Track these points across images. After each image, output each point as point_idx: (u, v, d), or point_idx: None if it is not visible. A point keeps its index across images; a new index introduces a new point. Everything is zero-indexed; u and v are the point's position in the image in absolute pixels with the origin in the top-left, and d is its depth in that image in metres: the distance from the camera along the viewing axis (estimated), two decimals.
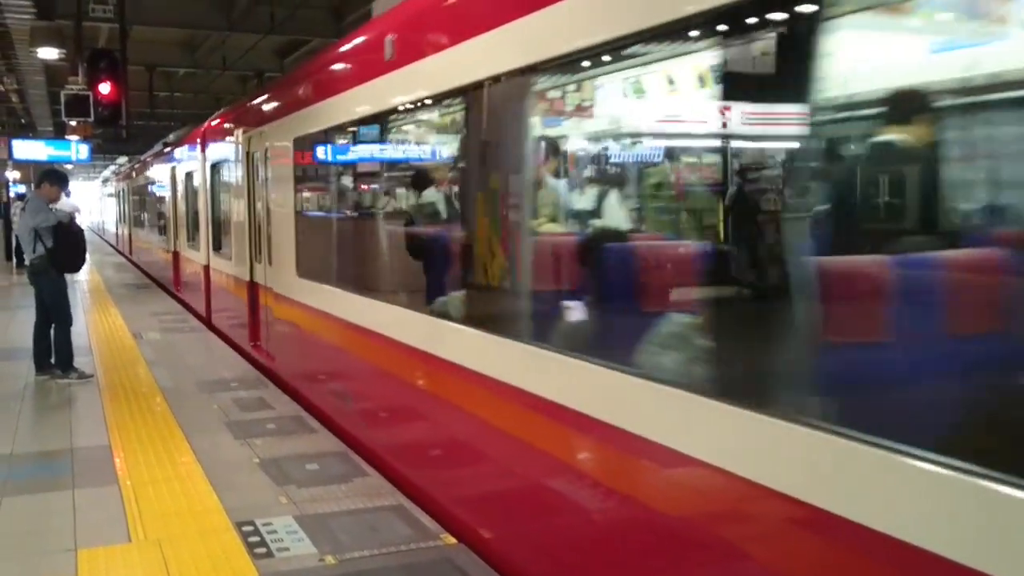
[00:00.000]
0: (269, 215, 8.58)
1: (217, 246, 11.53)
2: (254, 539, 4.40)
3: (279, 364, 8.54)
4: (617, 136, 4.34)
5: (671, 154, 4.04)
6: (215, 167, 11.62)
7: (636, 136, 4.26)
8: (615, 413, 3.32)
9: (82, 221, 10.74)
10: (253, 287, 9.30)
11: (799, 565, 2.62)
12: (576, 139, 4.59)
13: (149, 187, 20.20)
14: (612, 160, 4.50)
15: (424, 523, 4.62)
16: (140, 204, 23.15)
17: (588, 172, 4.55)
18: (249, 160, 9.33)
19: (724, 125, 3.05)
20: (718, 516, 3.00)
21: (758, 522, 2.81)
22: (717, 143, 3.34)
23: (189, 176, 13.72)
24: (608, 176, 4.39)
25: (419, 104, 5.24)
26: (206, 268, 12.37)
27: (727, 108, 3.00)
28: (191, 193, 13.67)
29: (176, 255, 15.47)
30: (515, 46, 3.92)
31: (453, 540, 4.39)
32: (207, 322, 12.22)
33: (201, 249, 12.60)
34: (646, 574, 3.28)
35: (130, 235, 25.93)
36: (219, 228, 11.45)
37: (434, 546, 4.33)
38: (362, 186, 6.94)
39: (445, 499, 4.84)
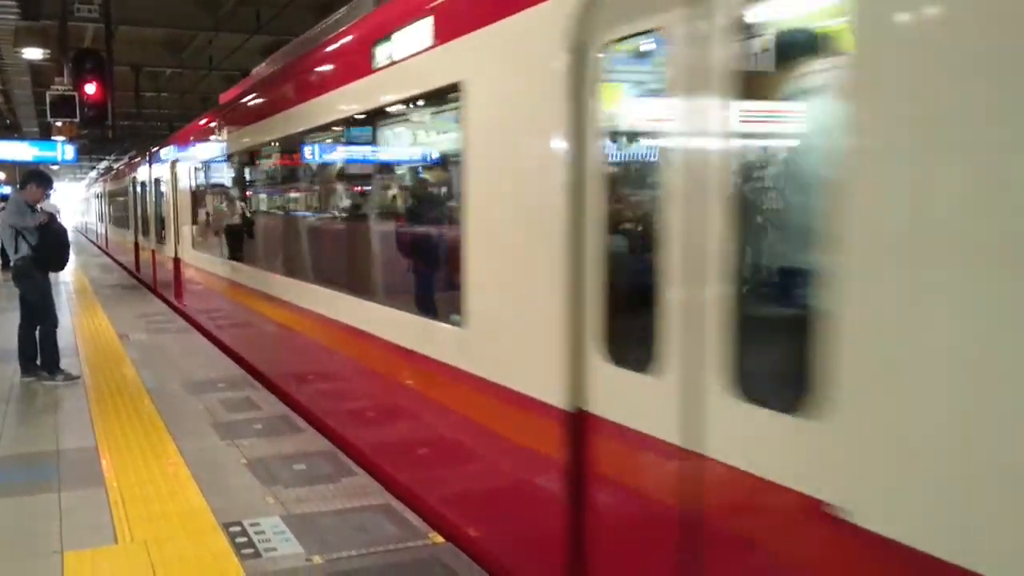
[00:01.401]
0: (181, 212, 13.18)
1: (159, 236, 15.74)
2: (241, 540, 4.40)
3: (187, 308, 13.13)
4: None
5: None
6: (156, 180, 15.99)
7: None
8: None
9: (66, 221, 11.64)
10: (176, 261, 13.83)
11: None
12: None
13: (117, 194, 25.79)
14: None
15: (412, 522, 4.63)
16: (112, 207, 28.91)
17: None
18: (173, 176, 13.77)
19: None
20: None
21: None
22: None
23: (143, 185, 18.17)
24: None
25: (228, 157, 10.28)
26: (153, 252, 16.91)
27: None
28: (143, 198, 18.35)
29: (136, 245, 20.21)
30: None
31: (441, 539, 4.40)
32: (154, 291, 16.60)
33: (151, 239, 17.10)
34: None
35: (106, 232, 32.19)
36: (160, 223, 15.69)
37: (422, 545, 4.34)
38: (216, 196, 11.45)
39: (247, 356, 9.27)
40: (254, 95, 8.98)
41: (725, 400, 2.61)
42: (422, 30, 4.55)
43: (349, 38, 6.03)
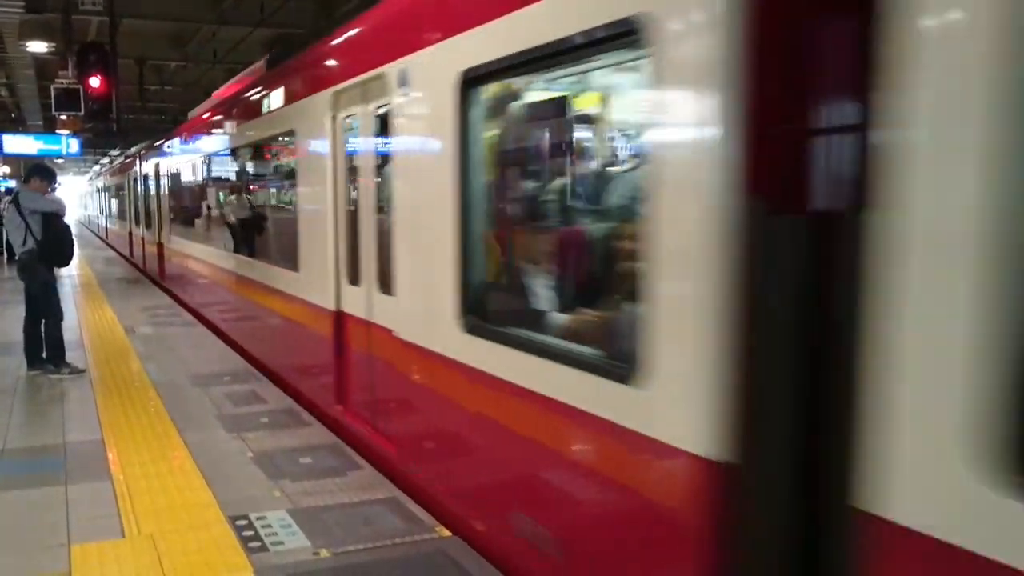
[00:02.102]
0: (161, 207, 16.41)
1: (148, 226, 18.68)
2: (248, 533, 4.40)
3: (168, 282, 15.93)
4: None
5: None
6: (145, 176, 18.73)
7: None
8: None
9: (69, 214, 12.20)
10: (160, 246, 16.74)
11: None
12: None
13: (115, 189, 29.30)
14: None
15: (418, 516, 4.63)
16: (110, 201, 32.69)
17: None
18: (156, 177, 16.88)
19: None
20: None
21: None
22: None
23: (135, 181, 21.10)
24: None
25: (187, 165, 13.49)
26: (142, 239, 20.07)
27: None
28: (134, 196, 21.44)
29: (130, 233, 23.38)
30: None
31: (448, 532, 4.40)
32: (143, 271, 19.85)
33: (141, 227, 20.34)
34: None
35: (106, 224, 36.38)
36: (148, 215, 18.54)
37: (428, 539, 4.34)
38: (181, 194, 14.52)
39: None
40: (200, 121, 12.38)
41: (377, 295, 5.47)
42: (280, 96, 7.82)
43: (252, 90, 9.09)
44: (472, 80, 4.03)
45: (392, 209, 5.10)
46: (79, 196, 59.06)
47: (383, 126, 5.35)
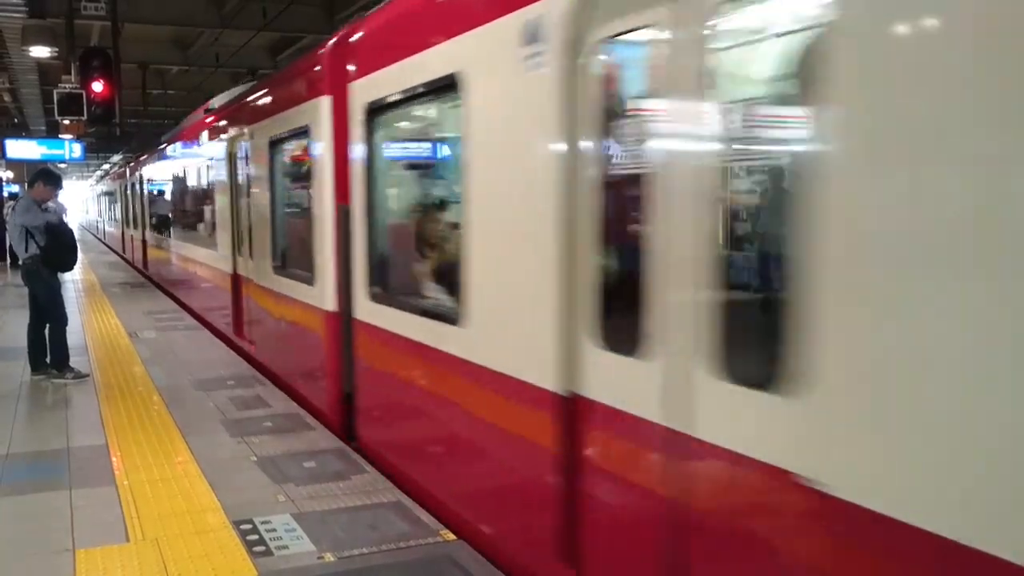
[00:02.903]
0: (145, 209, 19.83)
1: (137, 226, 22.22)
2: (252, 537, 4.40)
3: (151, 273, 19.13)
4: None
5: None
6: (133, 184, 22.34)
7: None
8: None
9: (71, 219, 12.51)
10: (144, 242, 20.54)
11: None
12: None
13: (113, 194, 33.06)
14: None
15: (423, 519, 4.62)
16: (108, 206, 36.82)
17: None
18: (141, 185, 20.35)
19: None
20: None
21: None
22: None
23: (126, 188, 24.75)
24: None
25: (162, 177, 17.60)
26: (131, 238, 23.91)
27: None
28: (126, 201, 25.34)
29: (123, 233, 27.06)
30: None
31: (452, 536, 4.39)
32: (131, 264, 23.57)
33: (131, 229, 23.88)
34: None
35: (104, 227, 40.90)
36: (137, 217, 22.08)
37: (433, 543, 4.33)
38: (159, 200, 18.18)
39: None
40: (169, 143, 16.05)
41: (248, 259, 9.04)
42: (209, 131, 11.15)
43: (195, 128, 12.64)
44: (274, 142, 7.82)
45: (250, 204, 8.79)
46: (82, 201, 59.78)
47: (246, 159, 8.94)
